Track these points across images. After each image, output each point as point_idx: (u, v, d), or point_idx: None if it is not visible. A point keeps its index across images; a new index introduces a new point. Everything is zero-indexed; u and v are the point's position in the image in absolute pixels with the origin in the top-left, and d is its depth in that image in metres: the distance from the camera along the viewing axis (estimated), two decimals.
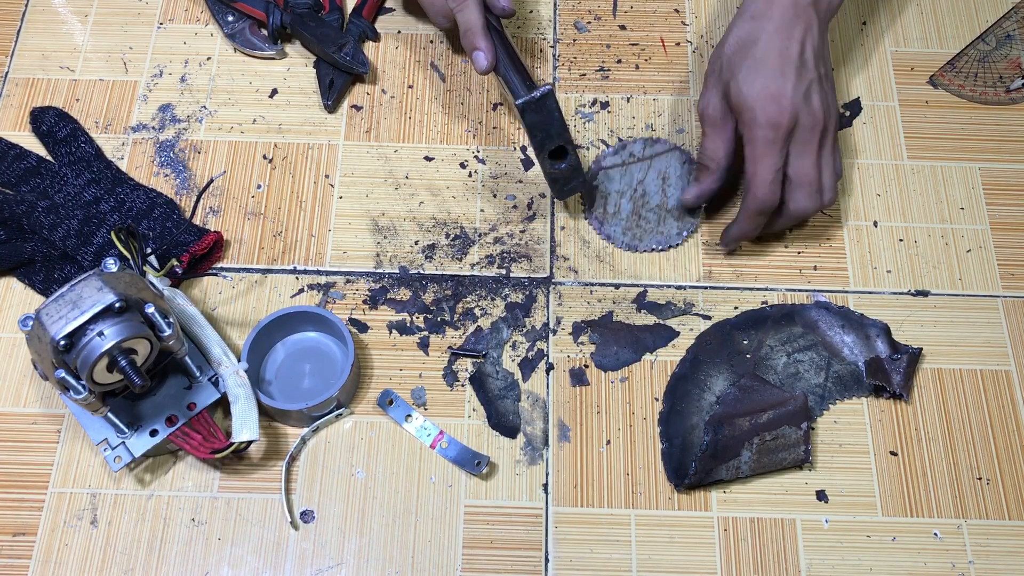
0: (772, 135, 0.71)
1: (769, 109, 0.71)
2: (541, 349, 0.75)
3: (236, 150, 0.83)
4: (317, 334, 0.75)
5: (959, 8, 0.91)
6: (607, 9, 0.91)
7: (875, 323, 0.76)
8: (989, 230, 0.81)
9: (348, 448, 0.72)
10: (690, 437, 0.72)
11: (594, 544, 0.69)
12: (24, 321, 0.60)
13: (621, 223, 0.80)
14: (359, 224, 0.80)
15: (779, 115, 0.71)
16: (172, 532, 0.69)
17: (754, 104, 0.71)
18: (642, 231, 0.79)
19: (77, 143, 0.81)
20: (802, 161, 0.72)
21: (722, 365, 0.75)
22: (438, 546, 0.69)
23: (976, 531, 0.70)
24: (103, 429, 0.67)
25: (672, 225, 0.80)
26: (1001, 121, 0.85)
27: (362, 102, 0.85)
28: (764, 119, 0.71)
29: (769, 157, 0.71)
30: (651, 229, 0.79)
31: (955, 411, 0.74)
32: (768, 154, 0.71)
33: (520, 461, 0.72)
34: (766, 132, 0.71)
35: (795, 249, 0.80)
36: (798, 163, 0.72)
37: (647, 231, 0.79)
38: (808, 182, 0.73)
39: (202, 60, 0.87)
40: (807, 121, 0.71)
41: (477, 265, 0.78)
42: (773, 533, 0.70)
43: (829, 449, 0.73)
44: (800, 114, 0.71)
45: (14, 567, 0.68)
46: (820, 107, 0.72)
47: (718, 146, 0.75)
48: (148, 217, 0.78)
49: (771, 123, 0.71)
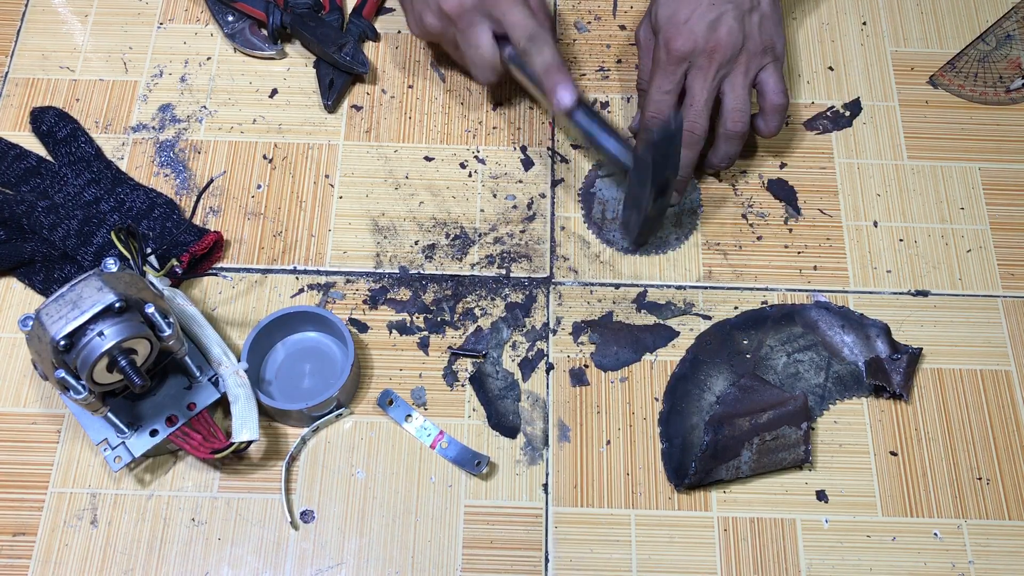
0: (666, 57, 0.75)
1: (668, 32, 0.75)
2: (541, 349, 0.75)
3: (236, 150, 0.83)
4: (317, 334, 0.75)
5: (959, 8, 0.91)
6: (607, 9, 0.91)
7: (875, 323, 0.76)
8: (989, 230, 0.81)
9: (348, 448, 0.72)
10: (690, 437, 0.72)
11: (594, 544, 0.69)
12: (24, 321, 0.60)
13: (620, 228, 0.80)
14: (359, 224, 0.80)
15: (673, 39, 0.75)
16: (172, 532, 0.69)
17: (660, 27, 0.76)
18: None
19: (77, 143, 0.81)
20: (692, 85, 0.75)
21: (722, 365, 0.75)
22: (438, 546, 0.69)
23: (976, 531, 0.70)
24: (103, 429, 0.67)
25: (670, 231, 0.80)
26: (1001, 121, 0.85)
27: (362, 102, 0.85)
28: (663, 41, 0.76)
29: (661, 77, 0.76)
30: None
31: (955, 411, 0.74)
32: (662, 75, 0.76)
33: (520, 461, 0.72)
34: (661, 54, 0.76)
35: (795, 249, 0.80)
36: (688, 86, 0.76)
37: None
38: (690, 104, 0.75)
39: (202, 60, 0.87)
40: (707, 47, 0.74)
41: (477, 265, 0.78)
42: (773, 533, 0.70)
43: (829, 449, 0.73)
44: (698, 41, 0.74)
45: (14, 567, 0.68)
46: (726, 36, 0.74)
47: (646, 66, 0.80)
48: (148, 217, 0.78)
49: (666, 46, 0.75)
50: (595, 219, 0.80)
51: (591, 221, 0.80)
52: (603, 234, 0.80)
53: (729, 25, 0.74)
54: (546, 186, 0.82)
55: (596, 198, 0.81)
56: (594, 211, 0.81)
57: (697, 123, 0.75)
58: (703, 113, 0.75)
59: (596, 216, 0.80)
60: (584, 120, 0.75)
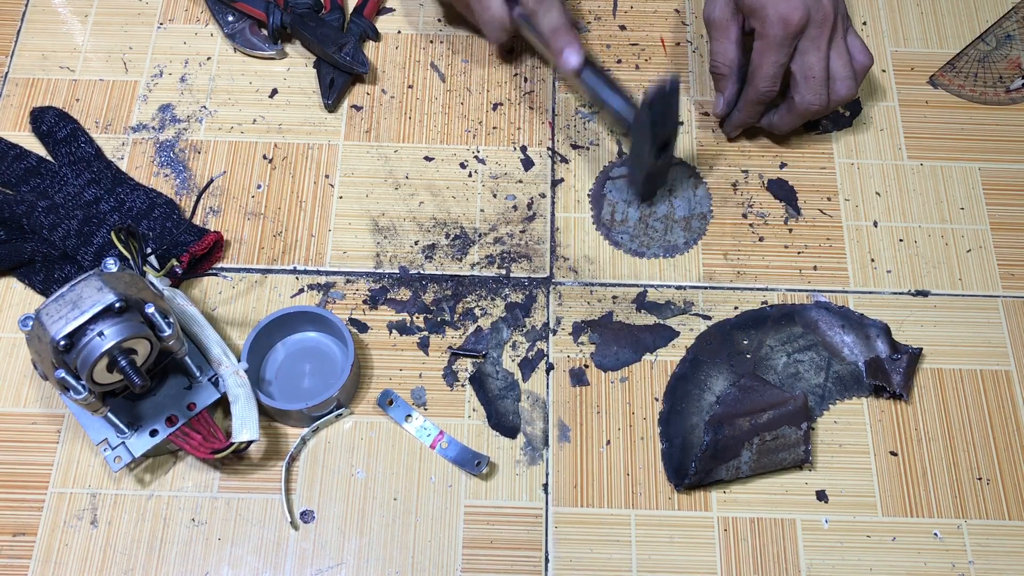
0: (783, 32, 0.73)
1: (780, 6, 0.73)
2: (541, 349, 0.75)
3: (236, 150, 0.83)
4: (317, 334, 0.75)
5: (959, 8, 0.91)
6: (607, 9, 0.91)
7: (875, 323, 0.76)
8: (989, 230, 0.81)
9: (348, 448, 0.72)
10: (690, 437, 0.72)
11: (594, 544, 0.69)
12: (24, 321, 0.60)
13: (628, 231, 0.80)
14: (359, 224, 0.80)
15: (790, 12, 0.73)
16: (172, 532, 0.69)
17: (765, 2, 0.73)
18: (649, 239, 0.79)
19: (77, 143, 0.81)
20: (808, 57, 0.75)
21: (722, 365, 0.75)
22: (438, 546, 0.69)
23: (976, 531, 0.70)
24: (103, 429, 0.67)
25: (679, 235, 0.80)
26: (1001, 121, 0.85)
27: (362, 102, 0.85)
28: (775, 16, 0.73)
29: (776, 53, 0.74)
30: (658, 238, 0.80)
31: (955, 411, 0.74)
32: (776, 50, 0.74)
33: (520, 461, 0.72)
34: (777, 29, 0.73)
35: (795, 249, 0.80)
36: (804, 59, 0.75)
37: (654, 239, 0.79)
38: (814, 76, 0.75)
39: (202, 60, 0.87)
40: (818, 17, 0.73)
41: (477, 265, 0.78)
42: (773, 533, 0.70)
43: (829, 449, 0.73)
44: (811, 10, 0.73)
45: (14, 567, 0.68)
46: (829, 2, 0.74)
47: (728, 48, 0.78)
48: (148, 217, 0.78)
49: (782, 19, 0.73)
50: (604, 221, 0.80)
51: (600, 223, 0.80)
52: (611, 236, 0.80)
53: None
54: (546, 186, 0.82)
55: (606, 200, 0.81)
56: (603, 213, 0.81)
57: (823, 94, 0.75)
58: (825, 82, 0.75)
59: (605, 218, 0.80)
60: (591, 79, 0.77)
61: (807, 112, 0.77)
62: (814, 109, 0.76)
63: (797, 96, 0.76)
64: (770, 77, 0.75)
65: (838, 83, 0.76)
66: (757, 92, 0.77)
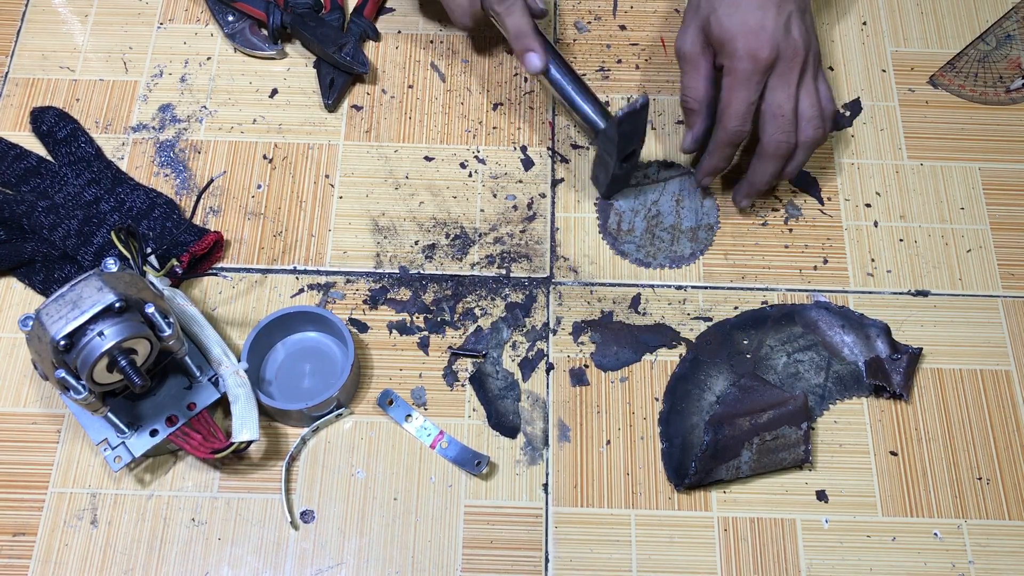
0: (751, 67, 0.71)
1: (750, 41, 0.71)
2: (541, 349, 0.75)
3: (236, 150, 0.83)
4: (317, 334, 0.75)
5: (959, 8, 0.91)
6: (607, 9, 0.91)
7: (875, 323, 0.76)
8: (989, 230, 0.81)
9: (348, 448, 0.72)
10: (690, 437, 0.72)
11: (594, 544, 0.69)
12: (24, 321, 0.60)
13: (635, 240, 0.80)
14: (359, 224, 0.80)
15: (759, 47, 0.71)
16: (172, 532, 0.69)
17: (735, 36, 0.71)
18: (655, 249, 0.79)
19: (77, 143, 0.81)
20: (776, 94, 0.73)
21: (722, 365, 0.75)
22: (438, 546, 0.69)
23: (976, 531, 0.70)
24: (103, 429, 0.67)
25: (685, 245, 0.79)
26: (1001, 121, 0.85)
27: (362, 102, 0.85)
28: (744, 51, 0.71)
29: (746, 89, 0.72)
30: (664, 248, 0.79)
31: (955, 411, 0.74)
32: (746, 86, 0.72)
33: (520, 461, 0.72)
34: (745, 64, 0.71)
35: (795, 249, 0.80)
36: (773, 96, 0.73)
37: (660, 249, 0.79)
38: (782, 114, 0.73)
39: (202, 60, 0.87)
40: (787, 53, 0.72)
41: (477, 265, 0.78)
42: (773, 533, 0.70)
43: (829, 449, 0.73)
44: (780, 46, 0.71)
45: (14, 567, 0.68)
46: (801, 39, 0.72)
47: (698, 83, 0.76)
48: (148, 217, 0.78)
49: (751, 55, 0.71)
50: (610, 230, 0.80)
51: (607, 232, 0.80)
52: (617, 245, 0.80)
53: (799, 26, 0.72)
54: (546, 186, 0.82)
55: (613, 208, 0.81)
56: (610, 222, 0.80)
57: (792, 133, 0.73)
58: (793, 121, 0.73)
59: (612, 227, 0.80)
60: (558, 80, 0.78)
61: (776, 153, 0.74)
62: (783, 151, 0.74)
63: (764, 136, 0.73)
64: (740, 115, 0.73)
65: (805, 123, 0.73)
66: (727, 132, 0.74)
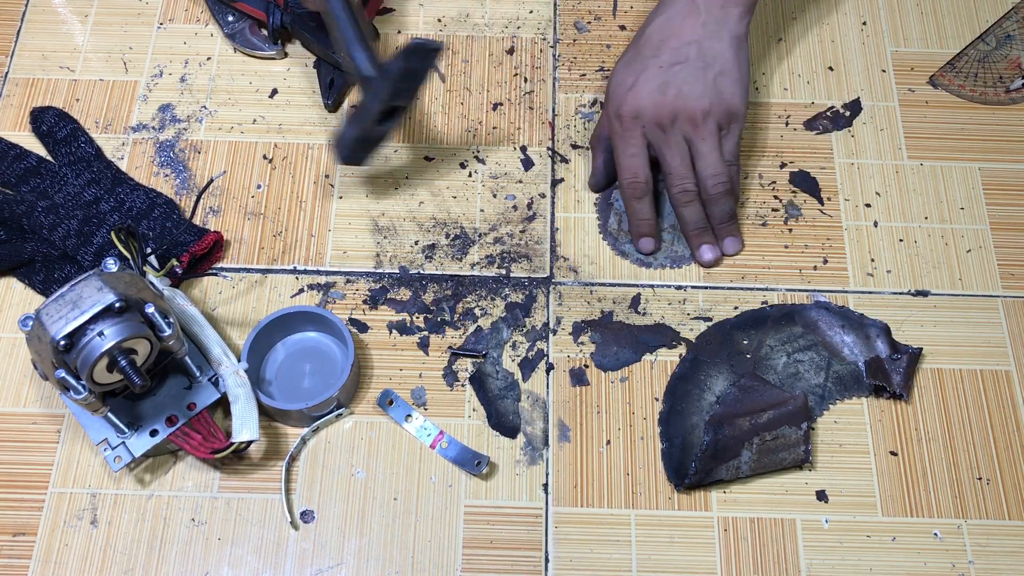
0: (618, 124, 0.76)
1: (616, 99, 0.76)
2: (541, 349, 0.75)
3: (236, 150, 0.83)
4: (317, 334, 0.75)
5: (959, 8, 0.91)
6: (607, 9, 0.91)
7: (875, 323, 0.76)
8: (989, 230, 0.81)
9: (348, 448, 0.72)
10: (690, 437, 0.72)
11: (594, 544, 0.69)
12: (24, 321, 0.60)
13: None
14: (359, 224, 0.80)
15: (623, 107, 0.75)
16: (172, 532, 0.69)
17: (608, 92, 0.78)
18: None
19: (77, 143, 0.81)
20: (663, 150, 0.76)
21: (722, 365, 0.75)
22: (438, 546, 0.69)
23: (976, 531, 0.70)
24: (103, 429, 0.67)
25: (685, 245, 0.79)
26: (1001, 121, 0.85)
27: None
28: (612, 108, 0.77)
29: (623, 143, 0.76)
30: (665, 248, 0.79)
31: (955, 411, 0.74)
32: (623, 141, 0.76)
33: (520, 461, 0.72)
34: (615, 122, 0.77)
35: (795, 249, 0.80)
36: (660, 152, 0.76)
37: (661, 250, 0.79)
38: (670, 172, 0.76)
39: (202, 60, 0.87)
40: (655, 115, 0.74)
41: (477, 265, 0.78)
42: (773, 533, 0.70)
43: (829, 449, 0.73)
44: (656, 105, 0.74)
45: (14, 567, 0.68)
46: (674, 100, 0.74)
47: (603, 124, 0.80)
48: (148, 217, 0.78)
49: (615, 112, 0.76)
50: (611, 231, 0.80)
51: (607, 232, 0.80)
52: (618, 246, 0.80)
53: (679, 88, 0.74)
54: (546, 186, 0.82)
55: (613, 209, 0.81)
56: (610, 222, 0.80)
57: (686, 182, 0.76)
58: (684, 173, 0.76)
59: (612, 227, 0.80)
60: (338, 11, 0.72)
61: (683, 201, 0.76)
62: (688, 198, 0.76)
63: (668, 188, 0.77)
64: (624, 168, 0.76)
65: (705, 179, 0.75)
66: (622, 185, 0.77)
